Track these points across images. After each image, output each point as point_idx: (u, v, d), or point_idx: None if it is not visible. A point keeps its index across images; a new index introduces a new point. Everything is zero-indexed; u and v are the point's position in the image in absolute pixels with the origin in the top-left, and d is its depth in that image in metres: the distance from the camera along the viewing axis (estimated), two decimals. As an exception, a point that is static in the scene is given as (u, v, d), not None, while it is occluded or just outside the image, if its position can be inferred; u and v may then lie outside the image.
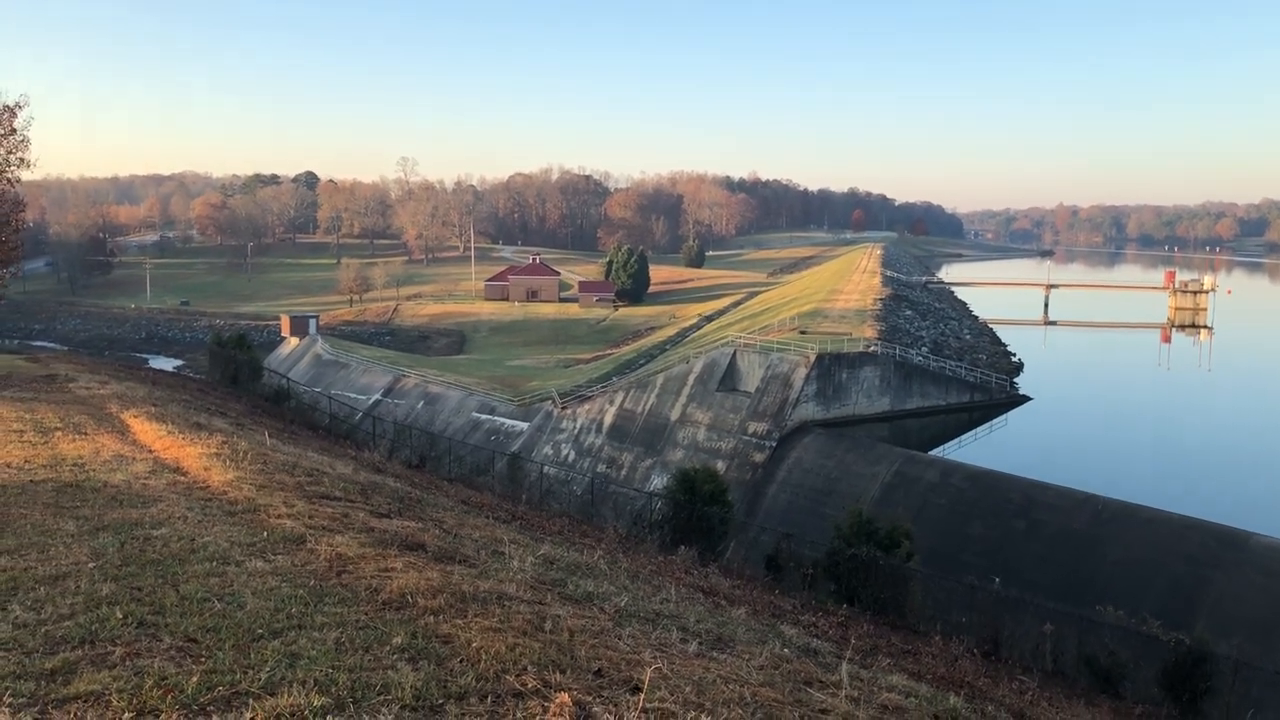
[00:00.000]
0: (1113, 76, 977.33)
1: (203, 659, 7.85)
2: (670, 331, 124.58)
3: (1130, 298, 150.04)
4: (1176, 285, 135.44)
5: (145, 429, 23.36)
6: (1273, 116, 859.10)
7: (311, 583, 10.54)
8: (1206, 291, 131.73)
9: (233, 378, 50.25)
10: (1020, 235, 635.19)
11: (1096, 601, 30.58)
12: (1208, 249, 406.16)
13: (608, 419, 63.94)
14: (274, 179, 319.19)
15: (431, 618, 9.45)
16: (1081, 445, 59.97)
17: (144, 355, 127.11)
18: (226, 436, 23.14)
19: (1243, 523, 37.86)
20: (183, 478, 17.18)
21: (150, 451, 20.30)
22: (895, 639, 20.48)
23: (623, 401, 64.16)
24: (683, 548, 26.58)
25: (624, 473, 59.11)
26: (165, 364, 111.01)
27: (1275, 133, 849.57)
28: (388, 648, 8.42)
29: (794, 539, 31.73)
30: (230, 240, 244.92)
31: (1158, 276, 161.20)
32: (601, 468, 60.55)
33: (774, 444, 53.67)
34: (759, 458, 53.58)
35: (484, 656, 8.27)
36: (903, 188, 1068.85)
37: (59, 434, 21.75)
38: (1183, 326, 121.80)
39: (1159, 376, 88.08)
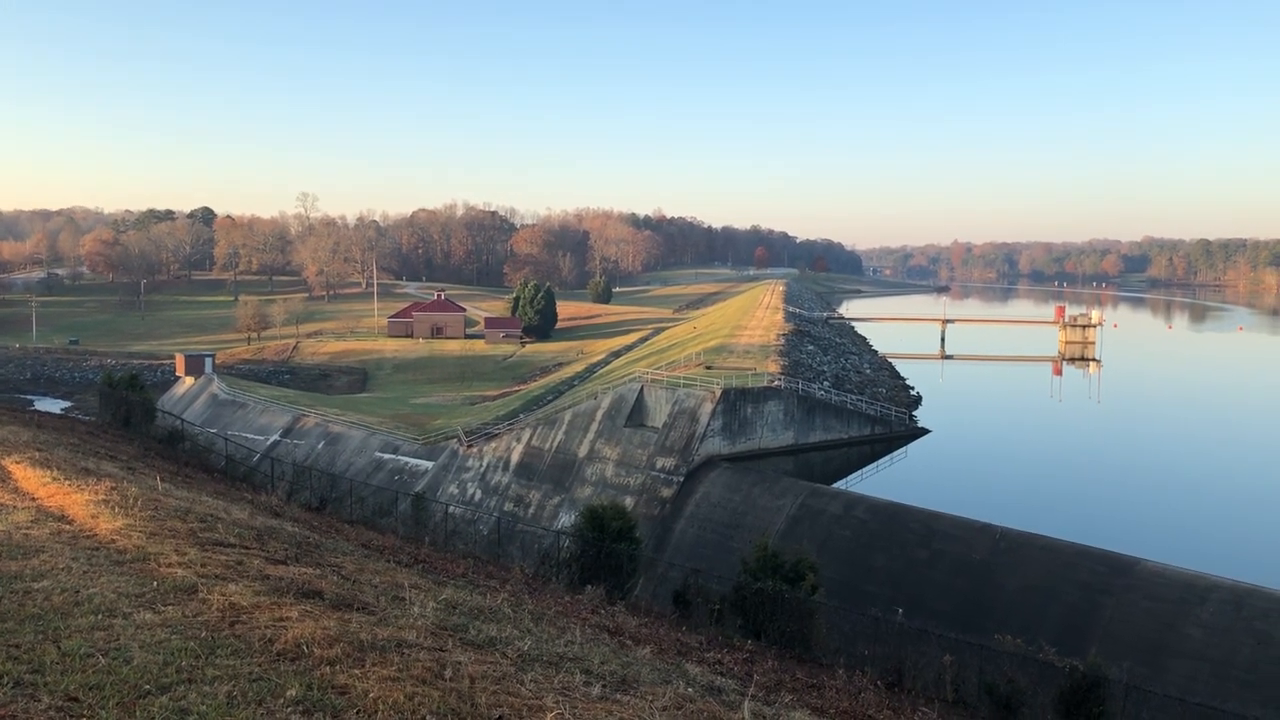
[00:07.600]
0: (1003, 121, 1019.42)
1: (85, 718, 7.53)
2: (578, 367, 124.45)
3: (1023, 332, 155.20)
4: (1066, 320, 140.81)
5: (28, 475, 22.38)
6: (1154, 160, 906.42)
7: (203, 634, 10.22)
8: (1094, 325, 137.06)
9: (124, 419, 48.61)
10: (917, 271, 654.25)
11: (997, 628, 31.32)
12: (1095, 284, 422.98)
13: (515, 456, 63.43)
14: (169, 214, 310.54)
15: (328, 668, 9.24)
16: (979, 475, 61.62)
17: (29, 396, 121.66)
18: (116, 482, 22.31)
19: (1131, 549, 39.28)
20: (68, 526, 16.48)
21: (33, 499, 19.44)
22: (800, 673, 20.63)
23: (530, 439, 63.75)
24: (590, 586, 26.41)
25: (532, 511, 58.62)
26: (52, 405, 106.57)
27: (1156, 176, 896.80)
28: (282, 700, 8.20)
29: (702, 574, 31.80)
30: (123, 277, 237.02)
31: (1049, 311, 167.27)
32: (509, 506, 59.95)
33: (681, 479, 53.89)
34: (667, 493, 53.70)
35: (381, 707, 8.11)
36: (804, 225, 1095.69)
37: (-67, 482, 20.71)
38: (1073, 359, 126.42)
39: (1052, 408, 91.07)
